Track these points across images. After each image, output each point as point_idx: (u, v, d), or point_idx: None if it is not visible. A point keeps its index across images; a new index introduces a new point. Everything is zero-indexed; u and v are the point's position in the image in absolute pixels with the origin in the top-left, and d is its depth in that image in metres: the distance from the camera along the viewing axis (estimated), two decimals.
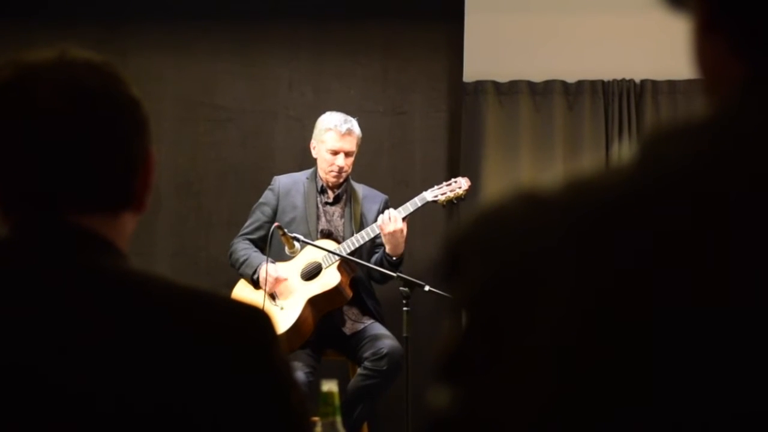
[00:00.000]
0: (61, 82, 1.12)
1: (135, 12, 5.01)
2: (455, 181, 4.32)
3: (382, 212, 4.33)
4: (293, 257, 4.16)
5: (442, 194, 4.26)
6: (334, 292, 4.13)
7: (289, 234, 3.99)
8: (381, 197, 4.42)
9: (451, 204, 4.29)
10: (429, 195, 4.25)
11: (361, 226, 4.28)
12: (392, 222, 4.10)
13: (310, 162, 4.45)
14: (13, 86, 1.13)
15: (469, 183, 4.32)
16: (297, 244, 4.02)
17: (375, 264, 4.20)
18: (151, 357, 1.05)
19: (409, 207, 4.21)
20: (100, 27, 4.95)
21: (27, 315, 1.07)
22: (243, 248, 4.28)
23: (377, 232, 4.17)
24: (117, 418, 1.03)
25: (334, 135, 4.24)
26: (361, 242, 4.16)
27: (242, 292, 4.22)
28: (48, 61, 1.14)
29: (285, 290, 4.16)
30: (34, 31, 4.84)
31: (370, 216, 4.32)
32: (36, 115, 1.12)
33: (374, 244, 4.30)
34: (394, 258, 4.16)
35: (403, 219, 4.15)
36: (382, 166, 4.98)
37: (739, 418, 0.60)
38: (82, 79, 1.13)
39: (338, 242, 4.22)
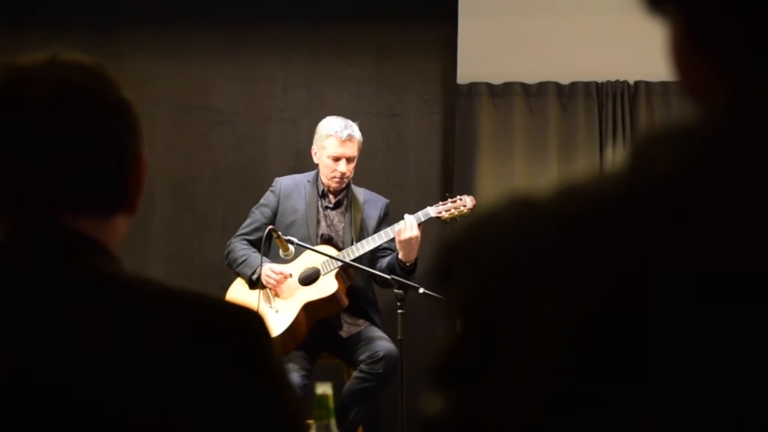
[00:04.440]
0: (52, 84, 1.12)
1: (128, 14, 5.01)
2: (460, 199, 4.31)
3: (383, 217, 4.32)
4: (288, 260, 4.16)
5: (446, 211, 4.26)
6: (330, 300, 4.13)
7: (284, 237, 3.99)
8: (382, 201, 4.41)
9: (454, 221, 4.29)
10: (432, 211, 4.24)
11: (361, 232, 4.27)
12: (408, 229, 4.09)
13: (304, 165, 4.44)
14: (4, 88, 1.13)
15: (473, 201, 4.32)
16: (291, 247, 4.02)
17: (387, 269, 4.20)
18: (146, 359, 1.05)
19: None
20: (93, 29, 4.94)
21: (21, 318, 1.07)
22: (242, 248, 4.28)
23: (378, 243, 4.17)
24: (116, 419, 1.03)
25: (335, 141, 4.23)
26: (362, 251, 4.15)
27: (237, 293, 4.22)
28: (40, 63, 1.14)
29: (281, 292, 4.16)
30: (27, 33, 4.84)
31: (370, 222, 4.32)
32: (27, 117, 1.11)
33: (375, 250, 4.30)
34: (408, 264, 4.14)
35: (419, 225, 4.15)
36: (376, 168, 4.98)
37: (738, 418, 0.60)
38: (73, 81, 1.13)
39: (338, 248, 4.21)
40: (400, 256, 4.13)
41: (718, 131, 0.66)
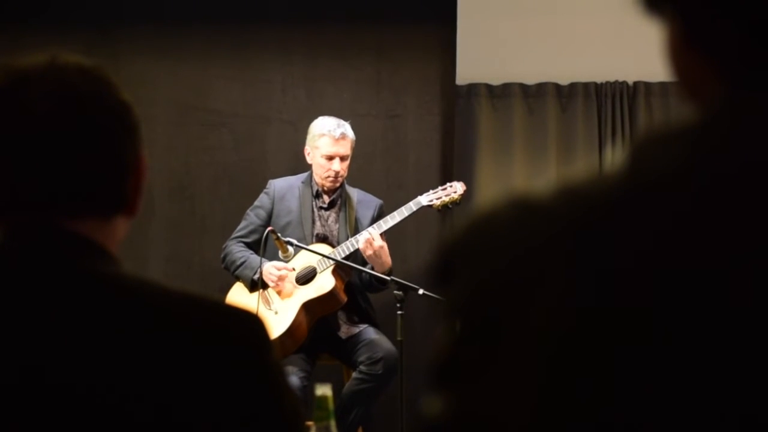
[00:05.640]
0: (52, 86, 1.12)
1: (127, 16, 5.01)
2: (450, 186, 4.33)
3: (377, 218, 4.33)
4: (287, 261, 4.16)
5: (437, 198, 4.27)
6: (328, 297, 4.13)
7: (283, 238, 3.99)
8: (375, 202, 4.42)
9: (446, 208, 4.30)
10: (424, 199, 4.26)
11: (355, 231, 4.28)
12: (371, 245, 4.10)
13: (303, 166, 4.44)
14: (4, 91, 1.13)
15: (464, 187, 4.34)
16: (291, 249, 4.02)
17: (365, 283, 4.22)
18: (146, 360, 1.05)
19: (404, 212, 4.22)
20: (92, 31, 4.94)
21: (21, 319, 1.07)
22: (239, 250, 4.28)
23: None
24: (115, 420, 1.03)
25: (328, 140, 4.24)
26: (356, 246, 4.16)
27: (237, 296, 4.22)
28: (39, 66, 1.14)
29: (280, 294, 4.17)
30: (26, 36, 4.83)
31: (364, 221, 4.33)
32: (27, 120, 1.11)
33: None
34: (382, 275, 4.18)
35: (382, 234, 4.15)
36: (375, 170, 4.98)
37: (739, 418, 0.60)
38: (73, 84, 1.13)
39: (333, 247, 4.22)
40: (375, 268, 4.15)
41: (716, 131, 0.66)
